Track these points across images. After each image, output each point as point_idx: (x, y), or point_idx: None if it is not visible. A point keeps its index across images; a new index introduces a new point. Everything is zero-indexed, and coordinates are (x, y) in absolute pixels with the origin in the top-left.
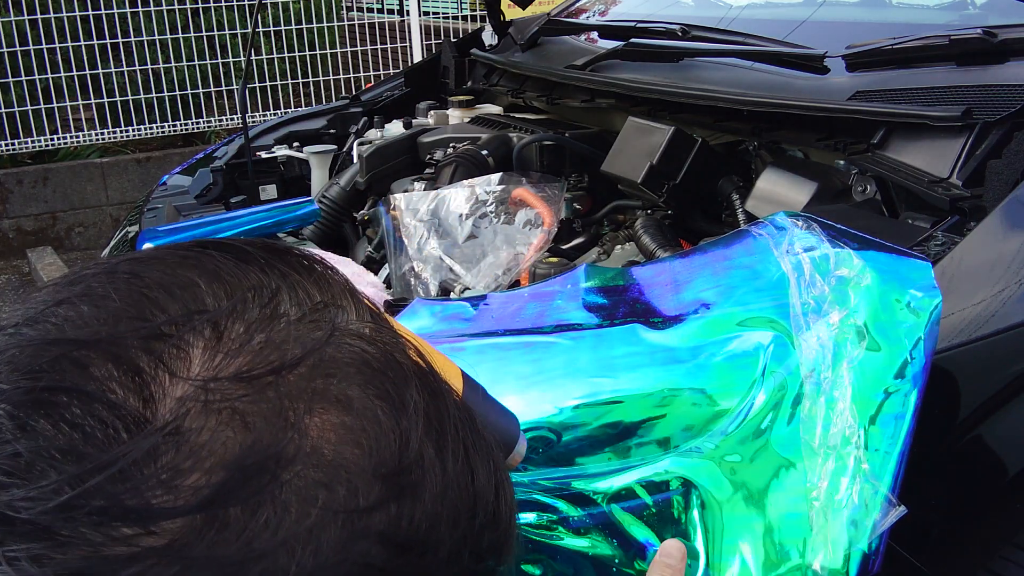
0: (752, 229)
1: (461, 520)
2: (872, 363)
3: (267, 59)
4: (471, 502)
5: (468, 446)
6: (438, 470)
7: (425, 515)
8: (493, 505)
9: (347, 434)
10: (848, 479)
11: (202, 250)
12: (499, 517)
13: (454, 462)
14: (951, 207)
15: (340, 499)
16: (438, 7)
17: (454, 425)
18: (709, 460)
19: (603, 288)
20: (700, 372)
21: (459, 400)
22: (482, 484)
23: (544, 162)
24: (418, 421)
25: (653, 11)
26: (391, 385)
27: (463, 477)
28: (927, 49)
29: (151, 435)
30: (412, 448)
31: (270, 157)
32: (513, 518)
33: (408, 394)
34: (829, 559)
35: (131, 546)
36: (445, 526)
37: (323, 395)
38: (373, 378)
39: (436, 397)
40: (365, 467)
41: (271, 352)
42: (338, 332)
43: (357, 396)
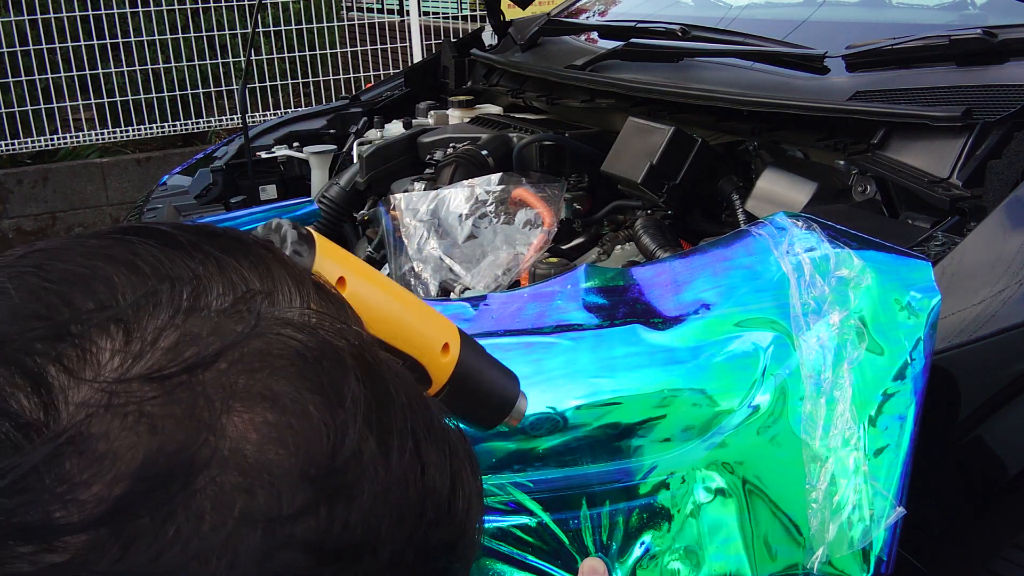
0: (752, 229)
1: (407, 519)
2: (872, 364)
3: (267, 59)
4: (420, 499)
5: (419, 438)
6: (380, 467)
7: (362, 517)
8: (447, 501)
9: (271, 432)
10: (848, 480)
11: (121, 236)
12: (454, 512)
13: (400, 456)
14: (951, 207)
15: (260, 506)
16: (438, 7)
17: (402, 416)
18: (708, 460)
19: (603, 288)
20: (700, 372)
21: (415, 390)
22: (434, 479)
23: (544, 162)
24: (357, 414)
25: (653, 11)
26: (326, 377)
27: (411, 472)
28: (927, 49)
29: (47, 443)
30: (348, 444)
31: (270, 157)
32: (472, 513)
33: (346, 385)
34: (835, 559)
35: (31, 563)
36: (387, 526)
37: (244, 392)
38: (306, 370)
39: (381, 386)
40: (291, 469)
41: (186, 349)
42: (265, 322)
43: (285, 391)
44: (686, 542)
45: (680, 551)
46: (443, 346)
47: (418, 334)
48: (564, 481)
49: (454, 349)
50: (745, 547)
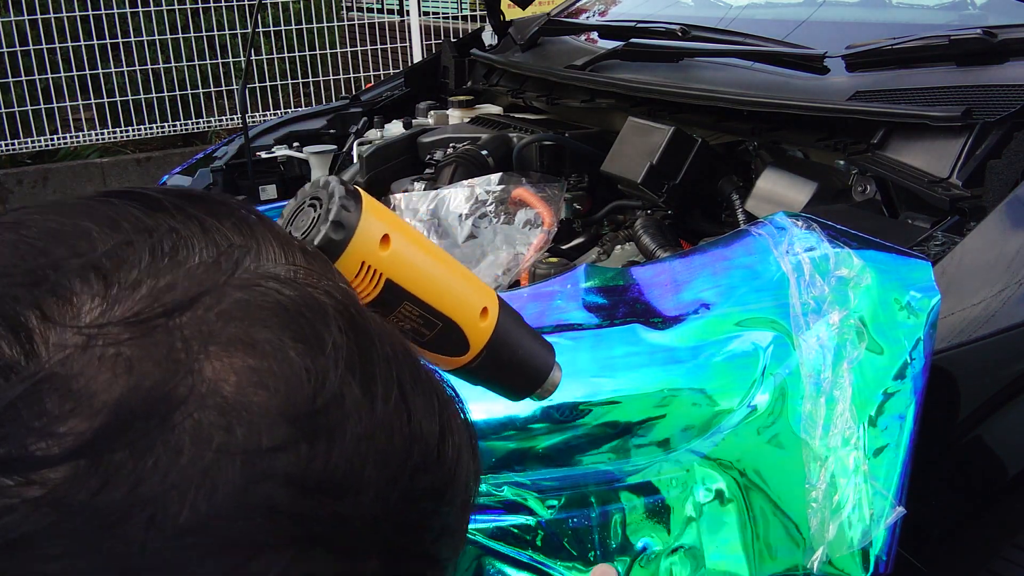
0: (752, 229)
1: (392, 462)
2: (872, 364)
3: (267, 59)
4: (406, 444)
5: (405, 386)
6: (364, 411)
7: (344, 457)
8: (436, 448)
9: (250, 375)
10: (848, 480)
11: (103, 198)
12: (443, 459)
13: (384, 403)
14: (951, 207)
15: (239, 440)
16: (438, 7)
17: (386, 365)
18: (708, 460)
19: (603, 288)
20: (700, 372)
21: (402, 343)
22: (421, 425)
23: (544, 162)
24: (338, 361)
25: (653, 11)
26: (308, 326)
27: (397, 418)
28: (927, 49)
29: (24, 380)
30: (329, 388)
31: (270, 157)
32: (463, 461)
33: (327, 334)
34: (835, 559)
35: (10, 497)
36: (371, 468)
37: (223, 337)
38: (287, 320)
39: (364, 337)
40: (270, 408)
41: (165, 294)
42: (248, 274)
43: (265, 338)
44: (686, 542)
45: (680, 551)
46: (482, 310)
47: (458, 297)
48: (564, 480)
49: (492, 314)
50: (745, 547)
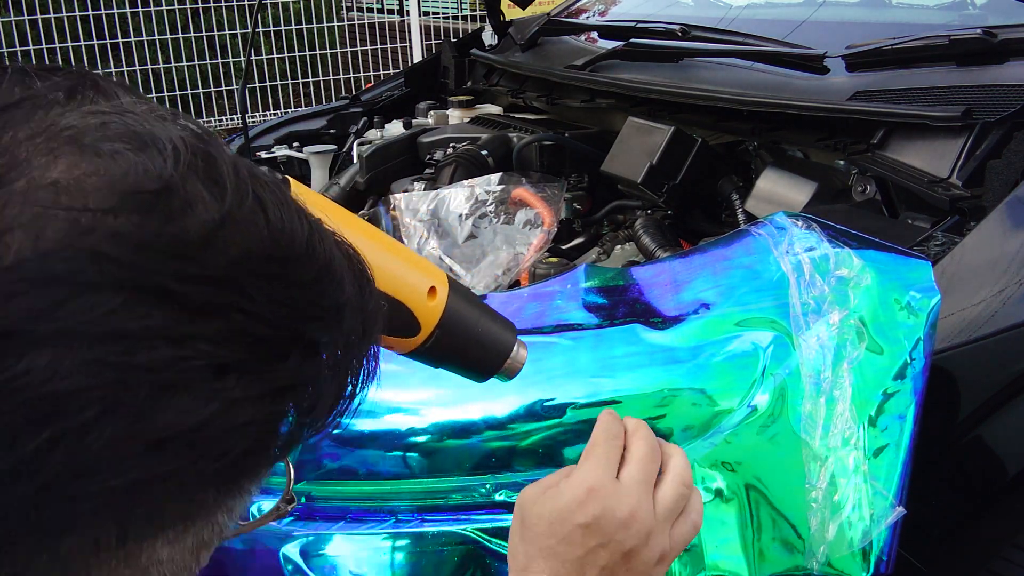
0: (752, 229)
1: (241, 244)
2: (872, 364)
3: (267, 59)
4: (260, 233)
5: (261, 196)
6: (211, 204)
7: (186, 230)
8: (299, 243)
9: (87, 167)
10: (848, 480)
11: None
12: (313, 256)
13: (236, 202)
14: (951, 207)
15: (65, 202)
16: (438, 7)
17: (235, 175)
18: (708, 460)
19: (603, 288)
20: (700, 372)
21: (257, 170)
22: (282, 223)
23: (544, 162)
24: (179, 162)
25: (653, 11)
26: (150, 139)
27: (252, 215)
28: (927, 49)
29: None
30: (165, 179)
31: (270, 157)
32: (336, 267)
33: (168, 144)
34: (835, 559)
35: None
36: (220, 247)
37: (62, 140)
38: (131, 137)
39: (210, 151)
40: (102, 185)
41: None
42: (96, 105)
43: (107, 147)
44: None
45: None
46: (429, 290)
47: (402, 278)
48: None
49: (441, 293)
50: (744, 547)
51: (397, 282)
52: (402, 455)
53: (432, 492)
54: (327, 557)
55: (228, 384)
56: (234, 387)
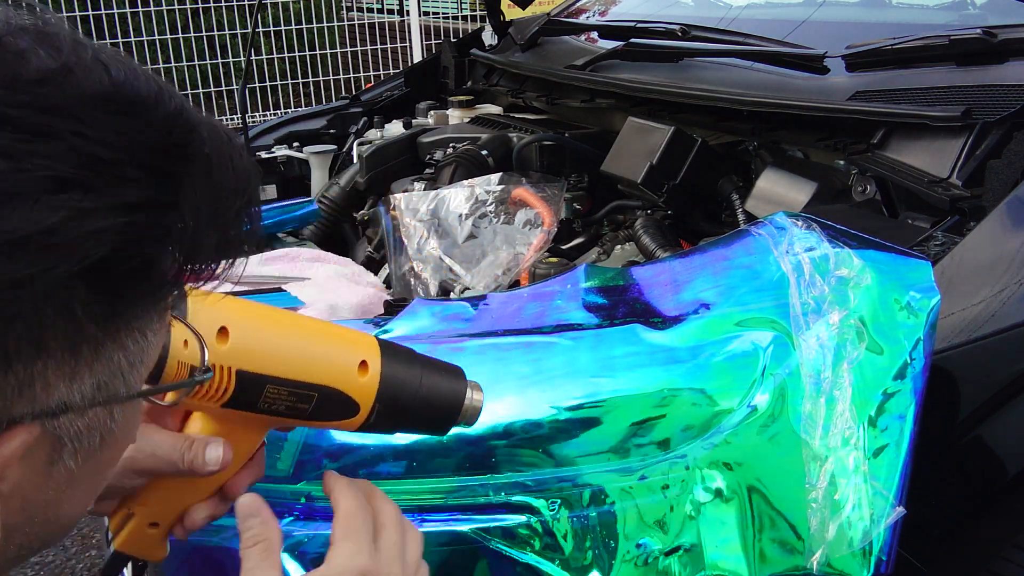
0: (752, 229)
1: (89, 90)
2: (872, 364)
3: (267, 59)
4: (100, 85)
5: (99, 55)
6: (45, 57)
7: (15, 72)
8: (150, 97)
9: None
10: (847, 480)
11: None
12: (161, 103)
13: (76, 55)
14: (951, 207)
15: None
16: (438, 7)
17: (73, 44)
18: (708, 460)
19: (603, 288)
20: (700, 372)
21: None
22: (123, 75)
23: (544, 162)
24: (8, 25)
25: (653, 11)
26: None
27: (92, 67)
28: (927, 49)
29: None
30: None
31: (270, 157)
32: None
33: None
34: (835, 559)
35: None
36: (53, 87)
37: None
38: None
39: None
40: None
41: None
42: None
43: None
44: (686, 542)
45: (680, 551)
46: (360, 365)
47: (327, 361)
48: (564, 480)
49: (374, 366)
50: (744, 547)
51: (325, 367)
52: (402, 455)
53: (432, 492)
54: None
55: (74, 197)
56: (81, 199)
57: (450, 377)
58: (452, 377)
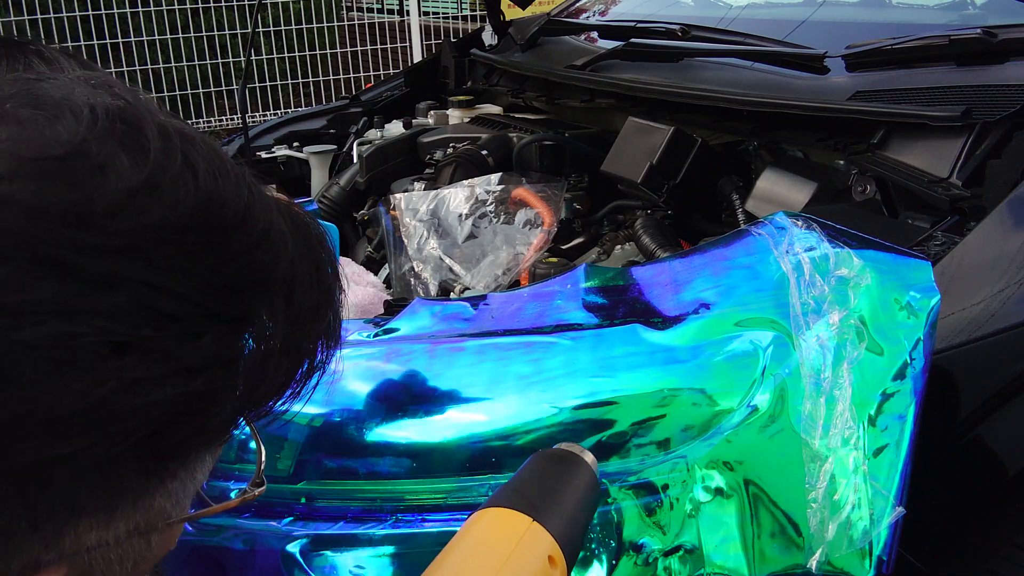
0: (752, 229)
1: (167, 216)
2: (872, 364)
3: (267, 59)
4: (185, 202)
5: (189, 154)
6: (127, 169)
7: (88, 199)
8: (237, 216)
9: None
10: (847, 479)
11: None
12: (247, 226)
13: (163, 163)
14: (951, 207)
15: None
16: (438, 7)
17: (163, 140)
18: (708, 460)
19: (603, 288)
20: (700, 372)
21: (190, 131)
22: (211, 187)
23: (544, 162)
24: (93, 127)
25: (653, 11)
26: (68, 106)
27: (180, 181)
28: (927, 49)
29: None
30: (75, 144)
31: (270, 157)
32: (275, 238)
33: (87, 110)
34: (836, 559)
35: None
36: (130, 212)
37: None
38: (49, 105)
39: (135, 117)
40: (4, 153)
41: None
42: (26, 73)
43: (22, 113)
44: (686, 541)
45: (680, 550)
46: (548, 560)
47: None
48: None
49: (559, 560)
50: (744, 547)
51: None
52: (403, 455)
53: (432, 492)
54: (327, 557)
55: (128, 363)
56: (135, 366)
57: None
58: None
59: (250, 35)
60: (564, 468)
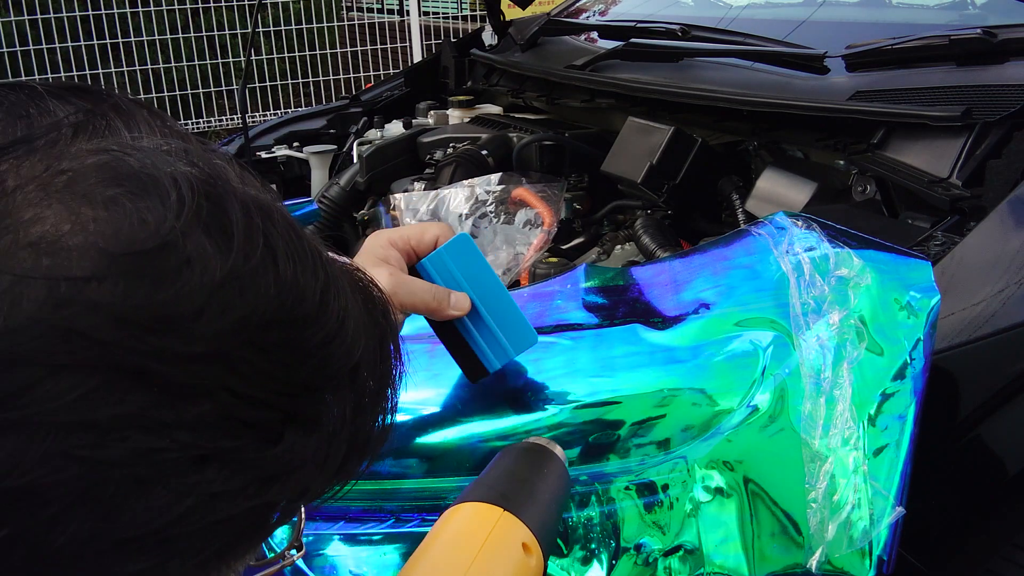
0: (752, 229)
1: (239, 310)
2: (872, 364)
3: (267, 59)
4: (263, 296)
5: (275, 249)
6: (212, 260)
7: (174, 297)
8: (314, 307)
9: (75, 219)
10: (847, 480)
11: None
12: (324, 317)
13: (243, 257)
14: (951, 207)
15: (44, 267)
16: (438, 7)
17: (247, 225)
18: (708, 460)
19: (603, 288)
20: (700, 372)
21: (278, 211)
22: (291, 282)
23: (544, 162)
24: (181, 213)
25: (653, 11)
26: (152, 184)
27: (261, 273)
28: (927, 49)
29: None
30: (163, 234)
31: (270, 157)
32: (348, 330)
33: (172, 191)
34: (837, 558)
35: None
36: (213, 313)
37: (54, 185)
38: (132, 180)
39: (220, 197)
40: (88, 245)
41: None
42: (102, 141)
43: (102, 192)
44: (686, 541)
45: (680, 551)
46: (523, 547)
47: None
48: None
49: (534, 547)
50: (744, 547)
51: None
52: (403, 455)
53: (432, 492)
54: (327, 557)
55: (208, 476)
56: (214, 480)
57: (542, 464)
58: (541, 461)
59: (250, 35)
60: (533, 459)
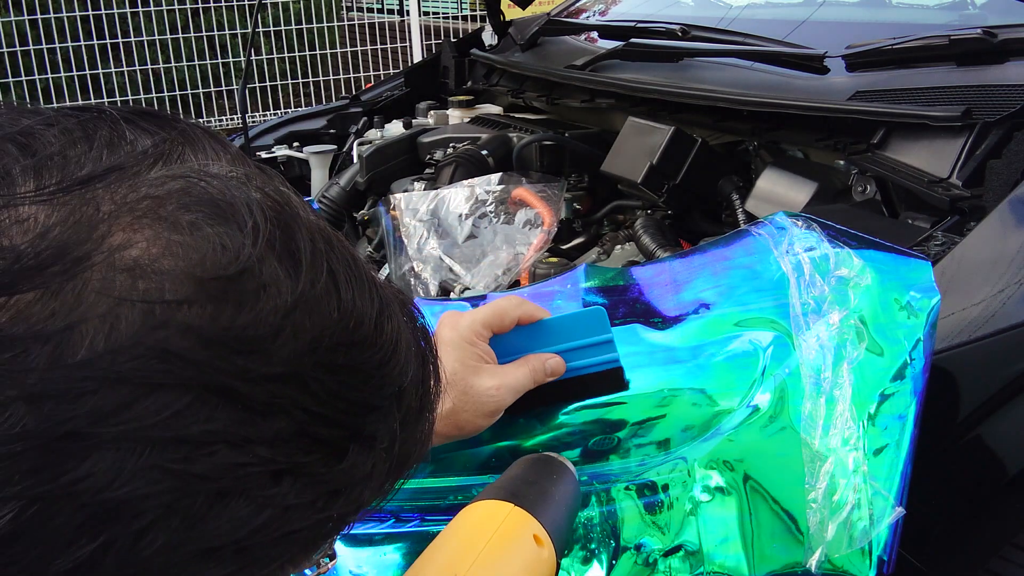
0: (752, 229)
1: (310, 332)
2: (872, 364)
3: (267, 59)
4: (329, 319)
5: (336, 274)
6: (284, 286)
7: (256, 321)
8: (365, 329)
9: (163, 244)
10: (847, 480)
11: (62, 112)
12: (372, 342)
13: (309, 283)
14: (951, 207)
15: (140, 291)
16: (438, 7)
17: (312, 251)
18: (709, 460)
19: (603, 288)
20: (700, 372)
21: (337, 239)
22: (352, 306)
23: (544, 162)
24: (257, 239)
25: (653, 11)
26: (230, 210)
27: (324, 298)
28: (927, 49)
29: None
30: (243, 260)
31: (270, 157)
32: (401, 352)
33: (248, 217)
34: (837, 558)
35: None
36: (287, 335)
37: (140, 210)
38: (210, 206)
39: (289, 225)
40: (177, 270)
41: (82, 169)
42: (180, 167)
43: (184, 217)
44: (686, 541)
45: (680, 551)
46: (534, 539)
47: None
48: None
49: (545, 540)
50: (744, 547)
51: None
52: None
53: (432, 492)
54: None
55: (283, 489)
56: (288, 493)
57: (552, 471)
58: (551, 468)
59: (250, 35)
60: (544, 466)
